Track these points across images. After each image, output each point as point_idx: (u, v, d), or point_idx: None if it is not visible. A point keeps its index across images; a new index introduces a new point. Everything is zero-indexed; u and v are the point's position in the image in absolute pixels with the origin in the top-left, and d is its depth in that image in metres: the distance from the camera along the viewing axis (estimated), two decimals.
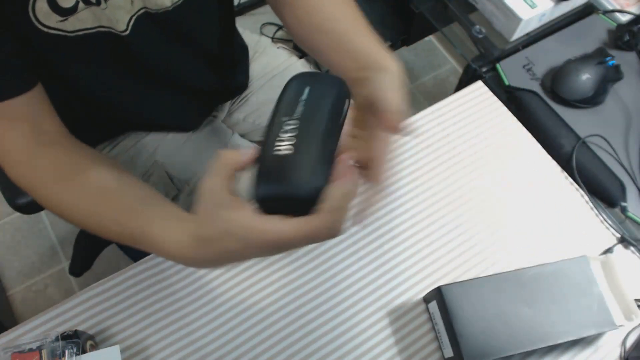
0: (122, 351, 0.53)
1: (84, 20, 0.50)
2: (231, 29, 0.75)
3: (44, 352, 0.49)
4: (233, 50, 0.78)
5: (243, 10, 1.69)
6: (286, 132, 0.36)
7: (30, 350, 0.49)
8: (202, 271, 0.61)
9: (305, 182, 0.35)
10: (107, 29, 0.52)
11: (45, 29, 0.48)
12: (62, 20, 0.48)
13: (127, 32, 0.53)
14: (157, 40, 0.58)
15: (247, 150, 0.38)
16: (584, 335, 0.55)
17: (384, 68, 0.48)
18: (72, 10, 0.48)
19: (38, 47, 0.50)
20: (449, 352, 0.56)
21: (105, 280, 0.60)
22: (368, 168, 0.44)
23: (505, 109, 0.75)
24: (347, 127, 0.40)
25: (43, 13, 0.47)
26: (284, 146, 0.36)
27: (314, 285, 0.61)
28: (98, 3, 0.49)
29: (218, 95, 0.80)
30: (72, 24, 0.49)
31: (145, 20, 0.54)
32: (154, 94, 0.68)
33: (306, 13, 0.57)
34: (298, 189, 0.35)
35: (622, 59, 0.80)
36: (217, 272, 0.61)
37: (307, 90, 0.38)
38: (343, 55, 0.52)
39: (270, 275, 0.61)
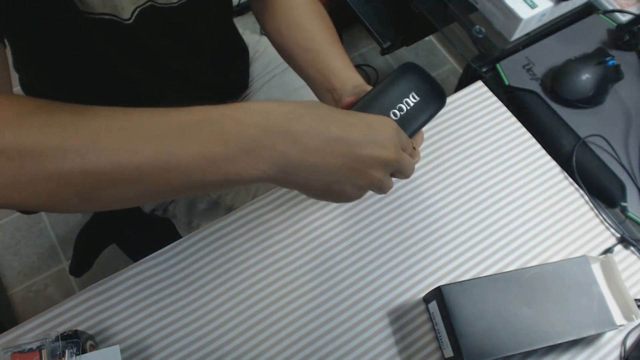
0: (122, 351, 0.53)
1: (88, 3, 0.49)
2: (230, 28, 0.75)
3: (44, 352, 0.49)
4: (233, 49, 0.78)
5: (243, 10, 1.69)
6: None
7: (30, 350, 0.49)
8: (202, 271, 0.61)
9: None
10: (111, 16, 0.52)
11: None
12: None
13: (131, 21, 0.53)
14: (160, 34, 0.58)
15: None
16: (584, 335, 0.55)
17: (352, 86, 0.53)
18: None
19: (55, 27, 0.50)
20: (449, 352, 0.56)
21: (105, 280, 0.60)
22: None
23: (505, 109, 0.76)
24: None
25: None
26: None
27: (313, 285, 0.61)
28: None
29: (218, 95, 0.80)
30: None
31: (150, 13, 0.54)
32: (154, 92, 0.68)
33: (287, 28, 0.61)
34: None
35: (622, 59, 0.80)
36: (216, 272, 0.61)
37: (417, 93, 0.48)
38: (315, 73, 0.57)
39: (270, 276, 0.61)
